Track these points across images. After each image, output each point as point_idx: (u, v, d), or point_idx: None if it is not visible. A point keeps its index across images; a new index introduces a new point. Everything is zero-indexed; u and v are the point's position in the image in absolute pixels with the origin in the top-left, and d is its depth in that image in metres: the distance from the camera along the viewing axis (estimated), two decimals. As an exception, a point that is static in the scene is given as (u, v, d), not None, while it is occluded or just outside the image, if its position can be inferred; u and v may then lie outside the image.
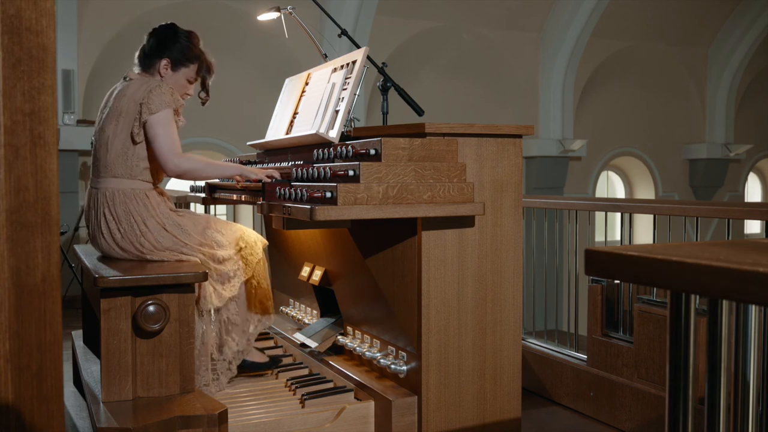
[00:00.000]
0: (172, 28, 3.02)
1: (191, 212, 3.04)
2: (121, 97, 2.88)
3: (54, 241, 1.18)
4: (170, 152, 2.78)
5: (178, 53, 2.96)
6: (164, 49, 2.96)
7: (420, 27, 9.27)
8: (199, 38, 3.05)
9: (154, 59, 2.97)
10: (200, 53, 3.02)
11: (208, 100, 3.13)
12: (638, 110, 11.45)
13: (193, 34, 3.03)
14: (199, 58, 3.02)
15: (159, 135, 2.78)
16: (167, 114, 2.80)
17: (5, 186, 1.14)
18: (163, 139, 2.78)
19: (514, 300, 2.75)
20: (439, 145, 2.56)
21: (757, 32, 11.35)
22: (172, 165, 2.79)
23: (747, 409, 1.00)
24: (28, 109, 1.15)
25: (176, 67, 2.98)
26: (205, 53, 3.04)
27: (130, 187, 2.83)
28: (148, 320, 2.51)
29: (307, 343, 3.26)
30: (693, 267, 0.88)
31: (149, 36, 3.02)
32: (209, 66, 3.07)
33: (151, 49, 2.98)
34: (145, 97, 2.79)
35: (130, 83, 2.93)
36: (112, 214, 2.82)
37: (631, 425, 3.19)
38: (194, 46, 3.01)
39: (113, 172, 2.84)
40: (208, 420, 2.35)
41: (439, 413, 2.63)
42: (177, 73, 2.98)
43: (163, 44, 2.97)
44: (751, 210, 3.09)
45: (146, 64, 2.99)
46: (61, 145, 6.98)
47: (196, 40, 3.03)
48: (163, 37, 2.98)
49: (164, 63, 2.96)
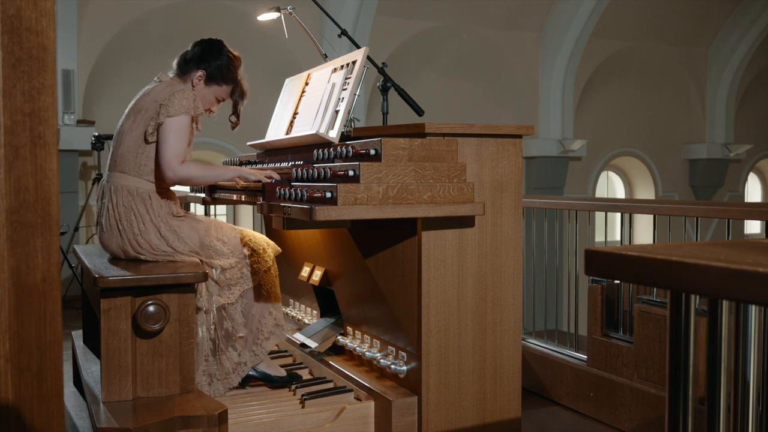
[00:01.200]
0: (218, 44, 3.04)
1: (193, 217, 2.99)
2: (145, 96, 2.90)
3: (54, 241, 1.18)
4: (172, 159, 2.77)
5: (215, 69, 2.98)
6: (203, 61, 2.98)
7: (420, 27, 9.27)
8: (241, 63, 3.07)
9: (192, 67, 2.98)
10: (237, 77, 3.04)
11: (239, 124, 3.15)
12: (638, 110, 11.45)
13: (236, 57, 3.05)
14: (235, 81, 3.04)
15: (167, 140, 2.78)
16: (183, 120, 2.80)
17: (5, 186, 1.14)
18: (170, 144, 2.78)
19: (514, 300, 2.75)
20: (439, 145, 2.56)
21: (757, 32, 11.35)
22: (171, 173, 2.78)
23: (747, 409, 1.00)
24: (28, 109, 1.15)
25: (209, 82, 2.99)
26: (243, 79, 3.07)
27: (135, 186, 2.84)
28: (148, 320, 2.51)
29: (307, 343, 3.26)
30: (693, 267, 0.88)
31: (194, 44, 3.04)
32: (243, 93, 3.08)
33: (192, 57, 3.00)
34: (167, 99, 2.79)
35: (158, 84, 2.95)
36: (115, 209, 2.83)
37: (631, 425, 3.19)
38: (234, 69, 3.03)
39: (121, 168, 2.85)
40: (208, 420, 2.35)
41: (439, 413, 2.63)
42: (208, 87, 3.00)
43: (204, 56, 2.99)
44: (751, 210, 3.09)
45: (183, 70, 3.01)
46: (61, 145, 6.97)
47: (237, 63, 3.05)
48: (206, 49, 3.00)
49: (199, 74, 2.98)
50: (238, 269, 2.90)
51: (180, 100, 2.80)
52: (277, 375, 3.04)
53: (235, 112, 3.12)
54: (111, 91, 7.81)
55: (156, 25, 7.83)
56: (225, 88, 3.03)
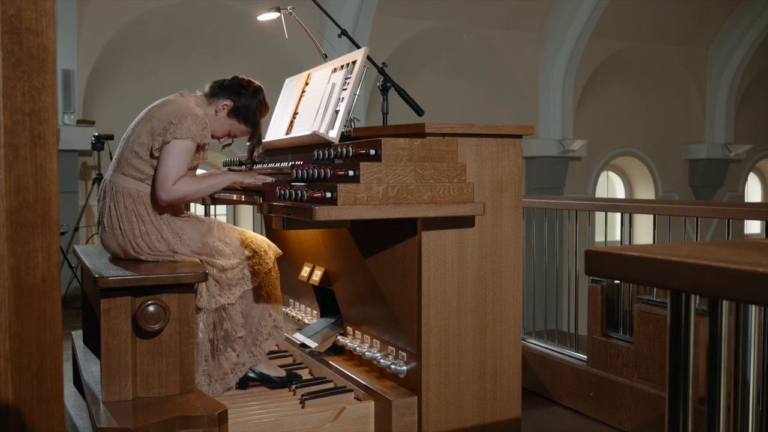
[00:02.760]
0: (257, 88, 3.06)
1: (195, 217, 2.99)
2: (162, 105, 2.88)
3: (54, 241, 1.18)
4: (167, 179, 2.76)
5: (243, 107, 3.01)
6: (237, 94, 3.00)
7: (420, 27, 9.27)
8: (267, 111, 3.12)
9: (223, 95, 3.00)
10: (259, 124, 3.09)
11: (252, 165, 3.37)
12: (638, 110, 11.45)
13: (266, 106, 3.09)
14: (256, 126, 3.08)
15: (166, 161, 2.77)
16: (186, 145, 2.79)
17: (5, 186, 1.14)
18: (167, 165, 2.76)
19: (514, 300, 2.75)
20: (439, 145, 2.56)
21: (757, 32, 11.35)
22: (164, 193, 2.76)
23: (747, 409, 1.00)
24: (28, 109, 1.15)
25: (232, 115, 3.01)
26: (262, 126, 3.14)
27: (137, 189, 2.83)
28: (148, 320, 2.51)
29: (307, 343, 3.26)
30: (693, 267, 0.88)
31: (234, 77, 3.07)
32: (260, 139, 3.17)
33: (228, 86, 3.02)
34: (178, 119, 2.78)
35: (181, 97, 2.95)
36: (118, 210, 2.83)
37: (631, 425, 3.19)
38: (260, 114, 3.07)
39: (125, 170, 2.85)
40: (208, 420, 2.35)
41: (439, 413, 2.63)
42: (229, 120, 3.02)
43: (238, 90, 3.01)
44: (751, 210, 3.09)
45: (214, 93, 3.02)
46: (61, 145, 6.97)
47: (265, 111, 3.09)
48: (244, 86, 3.03)
49: (226, 103, 2.99)
50: (239, 270, 2.90)
51: (190, 125, 2.78)
52: (277, 375, 3.04)
53: (251, 157, 3.29)
54: (111, 91, 7.81)
55: (156, 25, 7.83)
56: (243, 128, 3.06)
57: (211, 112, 2.99)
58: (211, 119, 2.99)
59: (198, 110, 2.88)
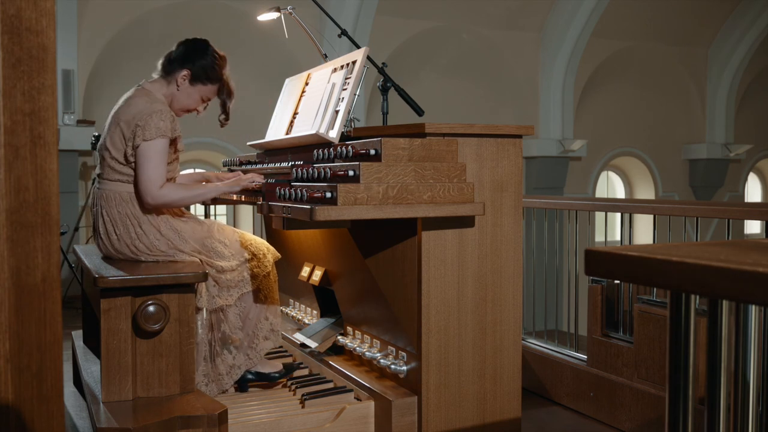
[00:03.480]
0: (203, 44, 2.99)
1: (195, 218, 2.99)
2: (127, 106, 2.84)
3: (54, 241, 1.18)
4: (150, 184, 2.73)
5: (200, 69, 2.94)
6: (188, 60, 2.93)
7: (420, 27, 9.27)
8: (226, 62, 3.02)
9: (176, 67, 2.94)
10: (222, 77, 3.00)
11: (228, 123, 3.11)
12: (638, 110, 11.45)
13: (221, 57, 3.01)
14: (220, 81, 2.99)
15: (144, 165, 2.74)
16: (159, 144, 2.75)
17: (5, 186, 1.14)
18: (146, 170, 2.73)
19: (514, 300, 2.75)
20: (439, 145, 2.56)
21: (757, 32, 11.35)
22: (150, 198, 2.75)
23: (747, 409, 1.00)
24: (28, 109, 1.15)
25: (194, 81, 2.95)
26: (229, 79, 3.03)
27: (127, 191, 2.81)
28: (148, 320, 2.51)
29: (307, 344, 3.26)
30: (693, 267, 0.88)
31: (178, 44, 3.00)
32: (230, 92, 3.05)
33: (177, 57, 2.95)
34: (143, 120, 2.74)
35: (139, 93, 2.89)
36: (109, 215, 2.81)
37: (631, 425, 3.19)
38: (219, 68, 2.98)
39: (110, 175, 2.82)
40: (208, 420, 2.35)
41: (439, 413, 2.63)
42: (193, 87, 2.96)
43: (189, 56, 2.94)
44: (751, 210, 3.09)
45: (167, 70, 2.96)
46: (61, 145, 6.98)
47: (222, 63, 3.00)
48: (191, 50, 2.96)
49: (184, 74, 2.93)
50: (239, 272, 2.90)
51: (157, 122, 2.74)
52: (274, 371, 3.04)
53: (224, 111, 3.08)
54: (111, 91, 7.80)
55: (156, 25, 7.83)
56: (210, 88, 2.99)
57: (174, 89, 2.94)
58: (178, 95, 2.94)
59: (161, 105, 2.82)
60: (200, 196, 2.92)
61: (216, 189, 2.94)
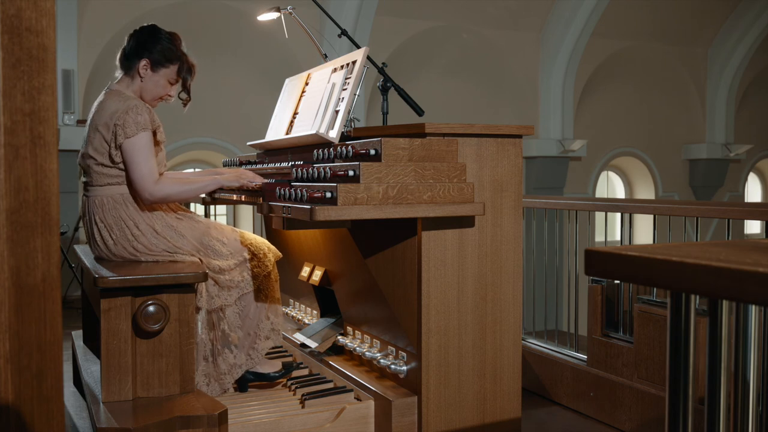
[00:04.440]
0: (152, 29, 2.95)
1: (192, 217, 2.96)
2: (101, 110, 2.82)
3: (54, 241, 1.18)
4: (145, 180, 2.72)
5: (158, 54, 2.90)
6: (144, 49, 2.90)
7: (420, 27, 9.27)
8: (180, 39, 2.98)
9: (134, 60, 2.90)
10: (181, 54, 2.95)
11: (190, 101, 3.05)
12: (638, 110, 11.45)
13: (174, 35, 2.97)
14: (180, 59, 2.94)
15: (134, 162, 2.72)
16: (143, 138, 2.73)
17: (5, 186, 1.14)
18: (137, 166, 2.72)
19: (514, 300, 2.75)
20: (439, 145, 2.56)
21: (757, 32, 11.35)
22: (147, 194, 2.74)
23: (747, 409, 1.00)
24: (28, 109, 1.15)
25: (156, 67, 2.90)
26: (187, 54, 2.98)
27: (119, 192, 2.79)
28: (148, 320, 2.51)
29: (307, 344, 3.26)
30: (693, 267, 0.88)
31: (129, 37, 2.96)
32: (191, 67, 2.99)
33: (131, 49, 2.91)
34: (120, 119, 2.72)
35: (109, 95, 2.86)
36: (104, 221, 2.79)
37: (631, 425, 3.19)
38: (176, 47, 2.94)
39: (99, 181, 2.80)
40: (208, 420, 2.35)
41: (439, 413, 2.63)
42: (157, 73, 2.91)
43: (143, 45, 2.90)
44: (751, 210, 3.09)
45: (126, 66, 2.92)
46: (61, 145, 6.98)
47: (177, 41, 2.96)
48: (143, 38, 2.92)
49: (143, 63, 2.89)
50: (238, 272, 2.89)
51: (134, 117, 2.72)
52: (273, 371, 3.04)
53: (185, 87, 3.02)
54: (111, 91, 7.80)
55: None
56: (173, 68, 2.94)
57: (139, 82, 2.91)
58: (146, 86, 2.91)
59: (135, 101, 2.80)
60: (199, 189, 2.91)
61: (215, 182, 2.93)
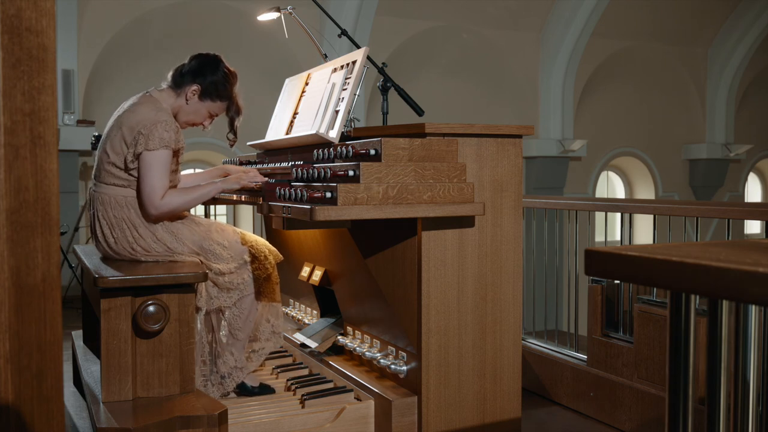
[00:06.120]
0: (215, 60, 2.97)
1: (192, 219, 2.96)
2: (131, 112, 2.81)
3: (54, 241, 1.18)
4: (154, 195, 2.72)
5: (210, 85, 2.92)
6: (200, 75, 2.91)
7: (420, 27, 9.27)
8: (237, 79, 3.00)
9: (187, 81, 2.91)
10: (233, 94, 2.98)
11: (236, 141, 3.10)
12: (638, 110, 11.46)
13: (233, 74, 2.99)
14: (230, 98, 2.98)
15: (147, 175, 2.72)
16: (162, 155, 2.73)
17: (5, 186, 1.14)
18: (150, 180, 2.72)
19: (514, 300, 2.75)
20: (439, 145, 2.56)
21: (757, 32, 11.35)
22: (153, 210, 2.74)
23: (747, 409, 1.00)
24: (28, 109, 1.15)
25: (203, 97, 2.93)
26: (238, 96, 3.01)
27: (122, 195, 2.79)
28: (148, 320, 2.51)
29: (307, 344, 3.26)
30: (693, 267, 0.88)
31: (191, 58, 2.98)
32: (239, 109, 3.03)
33: (189, 70, 2.93)
34: (148, 129, 2.72)
35: (146, 100, 2.87)
36: (107, 219, 2.79)
37: (631, 425, 3.19)
38: (229, 86, 2.97)
39: (106, 179, 2.80)
40: (208, 420, 2.35)
41: (439, 413, 2.63)
42: (201, 103, 2.93)
43: (201, 71, 2.92)
44: (751, 210, 3.09)
45: (178, 83, 2.94)
46: (61, 145, 6.98)
47: (233, 80, 2.99)
48: (204, 64, 2.94)
49: (194, 88, 2.91)
50: (238, 275, 2.88)
51: (161, 133, 2.72)
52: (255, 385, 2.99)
53: (232, 129, 3.06)
54: (111, 91, 7.81)
55: (156, 25, 7.83)
56: (219, 105, 2.97)
57: (182, 102, 2.92)
58: (186, 109, 2.93)
59: (166, 116, 2.80)
60: (202, 197, 2.90)
61: (216, 187, 2.93)
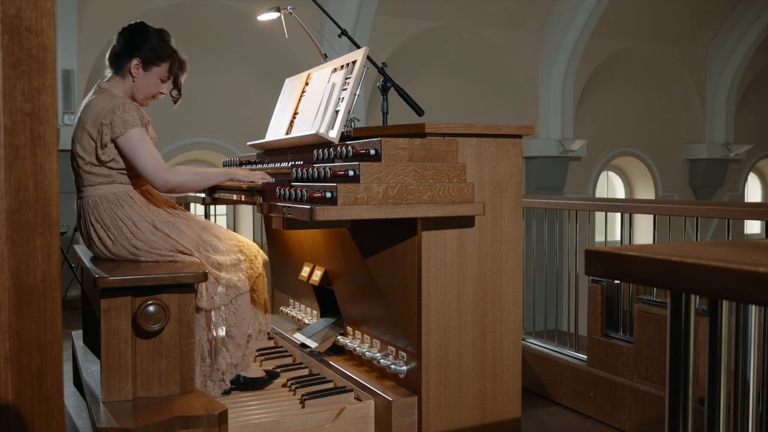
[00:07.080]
0: (141, 27, 2.93)
1: (188, 215, 2.97)
2: (88, 109, 2.80)
3: (54, 241, 1.18)
4: (157, 169, 2.72)
5: (149, 52, 2.87)
6: (134, 48, 2.87)
7: (420, 27, 9.27)
8: (170, 36, 2.96)
9: (125, 60, 2.88)
10: (172, 51, 2.94)
11: (180, 98, 3.03)
12: (638, 110, 11.45)
13: (163, 32, 2.94)
14: (171, 56, 2.93)
15: (139, 155, 2.72)
16: (138, 133, 2.72)
17: (5, 186, 1.14)
18: (144, 158, 2.72)
19: (514, 300, 2.75)
20: (439, 145, 2.56)
21: (757, 32, 11.35)
22: (162, 182, 2.74)
23: (747, 409, 1.00)
24: (28, 109, 1.15)
25: (148, 66, 2.88)
26: (177, 51, 2.96)
27: (111, 192, 2.78)
28: (148, 320, 2.51)
29: (307, 344, 3.26)
30: (693, 267, 0.88)
31: (118, 36, 2.93)
32: (182, 63, 2.97)
33: (122, 49, 2.89)
34: (108, 118, 2.71)
35: (98, 95, 2.85)
36: (100, 221, 2.78)
37: (631, 425, 3.19)
38: (166, 44, 2.92)
39: (90, 181, 2.79)
40: (208, 420, 2.35)
41: (439, 413, 2.63)
42: (149, 72, 2.89)
43: (132, 44, 2.88)
44: (751, 210, 3.09)
45: (117, 66, 2.90)
46: (61, 145, 6.97)
47: (167, 38, 2.94)
48: (132, 37, 2.89)
49: (135, 63, 2.87)
50: (235, 272, 2.90)
51: (122, 116, 2.71)
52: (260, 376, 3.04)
53: (177, 85, 3.00)
54: (111, 91, 7.80)
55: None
56: (164, 66, 2.92)
57: (131, 81, 2.89)
58: (137, 86, 2.89)
59: (121, 99, 2.78)
60: (212, 179, 2.92)
61: (226, 173, 2.94)
